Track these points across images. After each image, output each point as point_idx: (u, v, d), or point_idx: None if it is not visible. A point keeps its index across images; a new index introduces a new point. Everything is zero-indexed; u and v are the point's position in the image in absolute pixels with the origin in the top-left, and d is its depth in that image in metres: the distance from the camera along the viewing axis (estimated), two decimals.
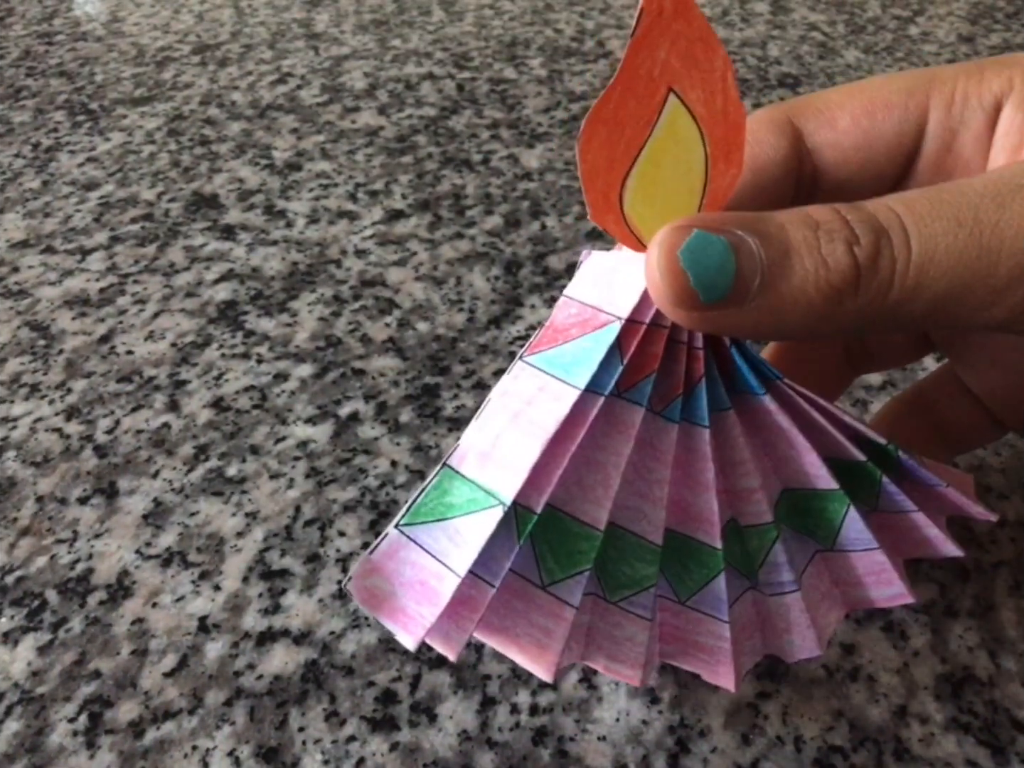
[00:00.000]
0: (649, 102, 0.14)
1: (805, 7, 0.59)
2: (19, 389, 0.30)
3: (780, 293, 0.14)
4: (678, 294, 0.14)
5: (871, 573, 0.17)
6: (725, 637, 0.17)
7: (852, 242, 0.14)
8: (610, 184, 0.14)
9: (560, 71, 0.50)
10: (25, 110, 0.47)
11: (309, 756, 0.20)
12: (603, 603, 0.16)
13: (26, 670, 0.21)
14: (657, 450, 0.16)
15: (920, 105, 0.18)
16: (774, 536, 0.17)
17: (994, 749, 0.20)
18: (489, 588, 0.15)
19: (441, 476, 0.16)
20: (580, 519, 0.15)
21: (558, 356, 0.15)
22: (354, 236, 0.37)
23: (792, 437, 0.16)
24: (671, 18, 0.13)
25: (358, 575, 0.16)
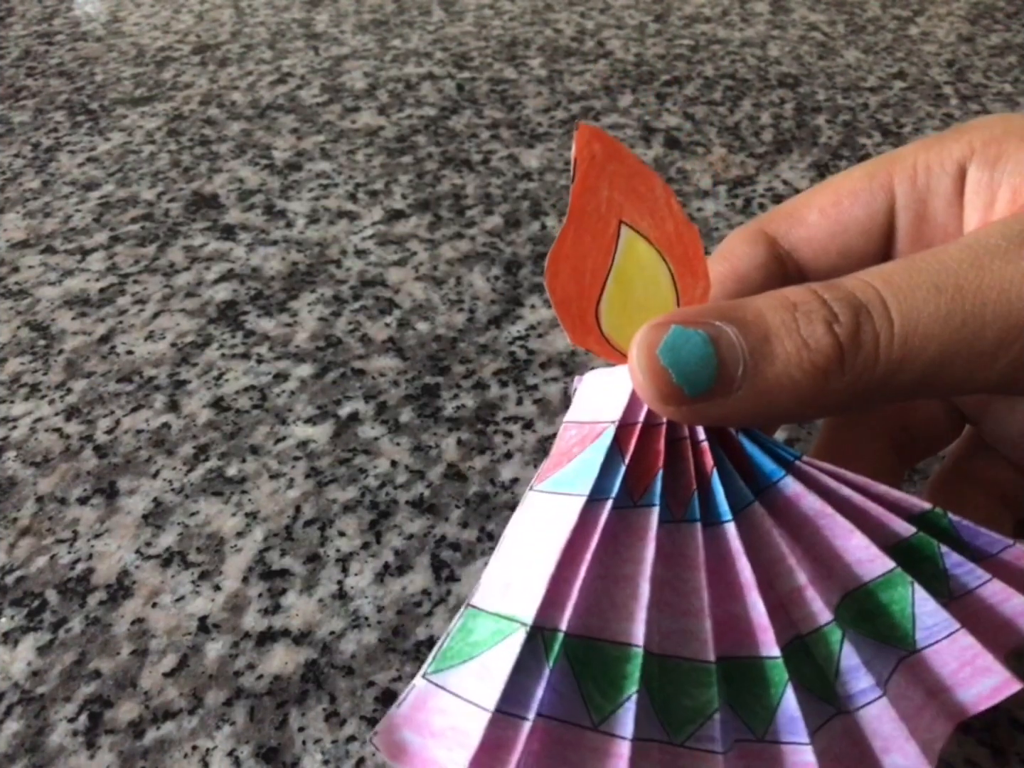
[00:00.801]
0: (603, 234, 0.15)
1: (805, 7, 0.59)
2: (19, 389, 0.30)
3: (765, 378, 0.14)
4: (662, 391, 0.14)
5: (963, 664, 0.15)
6: (811, 764, 0.15)
7: (831, 320, 0.14)
8: (584, 309, 0.15)
9: (560, 71, 0.50)
10: (25, 110, 0.47)
11: (309, 756, 0.20)
12: (670, 748, 0.15)
13: (26, 670, 0.21)
14: (686, 557, 0.15)
15: (884, 184, 0.18)
16: (839, 637, 0.15)
17: (994, 749, 0.20)
18: (523, 723, 0.14)
19: (465, 618, 0.15)
20: (617, 640, 0.15)
21: (563, 476, 0.15)
22: (354, 236, 0.37)
23: (829, 518, 0.15)
24: (604, 161, 0.15)
25: (384, 731, 0.15)
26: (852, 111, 0.46)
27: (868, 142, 0.43)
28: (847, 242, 0.18)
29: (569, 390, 0.17)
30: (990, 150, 0.17)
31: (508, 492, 0.26)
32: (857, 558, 0.15)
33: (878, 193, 0.18)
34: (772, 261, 0.18)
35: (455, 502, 0.25)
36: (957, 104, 0.47)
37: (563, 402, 0.29)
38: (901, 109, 0.46)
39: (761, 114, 0.46)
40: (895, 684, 0.16)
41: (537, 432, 0.28)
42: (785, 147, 0.43)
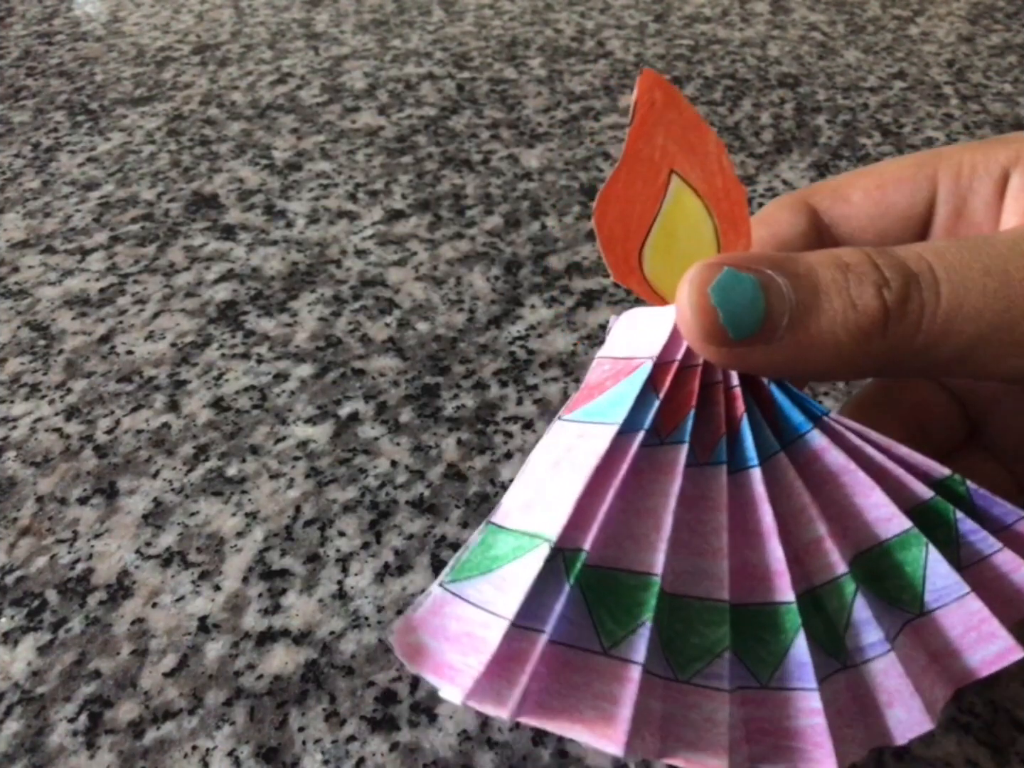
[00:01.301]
0: (654, 181, 0.15)
1: (805, 7, 0.59)
2: (19, 389, 0.30)
3: (808, 332, 0.14)
4: (708, 330, 0.14)
5: (970, 629, 0.16)
6: (816, 710, 0.15)
7: (881, 285, 0.14)
8: (628, 251, 0.15)
9: (560, 71, 0.50)
10: (25, 110, 0.47)
11: (309, 756, 0.20)
12: (675, 685, 0.15)
13: (26, 670, 0.21)
14: (708, 499, 0.15)
15: (929, 177, 0.18)
16: (853, 589, 0.15)
17: (994, 749, 0.20)
18: (539, 636, 0.14)
19: (485, 533, 0.16)
20: (635, 570, 0.15)
21: (595, 406, 0.16)
22: (354, 236, 0.37)
23: (851, 474, 0.15)
24: (663, 109, 0.15)
25: (400, 631, 0.15)
26: (852, 111, 0.46)
27: (868, 142, 0.43)
28: (885, 226, 0.19)
29: (607, 327, 0.17)
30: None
31: None
32: (875, 516, 0.15)
33: (922, 184, 0.18)
34: (812, 231, 0.19)
35: (455, 502, 0.25)
36: (957, 104, 0.47)
37: (563, 402, 0.29)
38: (901, 109, 0.46)
39: (761, 114, 0.46)
40: (900, 644, 0.16)
41: (537, 432, 0.27)
42: (785, 147, 0.43)
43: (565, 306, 0.33)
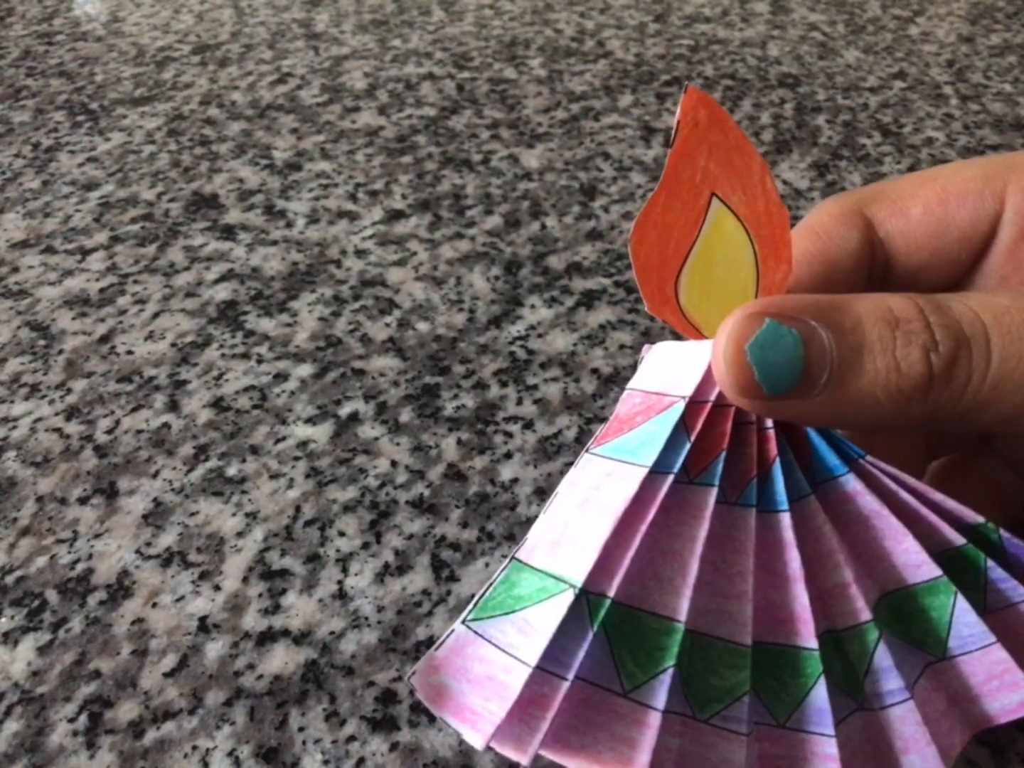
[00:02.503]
0: (694, 205, 0.14)
1: (805, 7, 0.59)
2: (19, 389, 0.30)
3: (847, 391, 0.14)
4: (742, 386, 0.14)
5: (992, 677, 0.15)
6: (832, 756, 0.15)
7: (930, 348, 0.13)
8: (664, 279, 0.15)
9: (560, 71, 0.50)
10: (25, 110, 0.47)
11: (309, 756, 0.20)
12: (693, 723, 0.15)
13: (26, 670, 0.21)
14: (735, 540, 0.15)
15: (996, 193, 0.17)
16: (876, 637, 0.15)
17: (994, 749, 0.20)
18: (561, 683, 0.14)
19: (509, 570, 0.15)
20: (659, 613, 0.14)
21: (624, 443, 0.15)
22: (354, 236, 0.37)
23: (884, 520, 0.15)
24: (707, 129, 0.14)
25: (423, 672, 0.15)
26: (852, 111, 0.46)
27: (868, 142, 0.43)
28: (944, 245, 0.18)
29: (638, 357, 0.17)
30: None
31: (508, 492, 0.26)
32: (904, 561, 0.15)
33: (988, 200, 0.17)
34: (865, 247, 0.18)
35: (455, 502, 0.25)
36: (957, 104, 0.47)
37: (563, 402, 0.29)
38: (901, 109, 0.46)
39: (761, 114, 0.46)
40: (920, 688, 0.16)
41: (537, 432, 0.28)
42: (785, 147, 0.43)
43: (565, 306, 0.33)
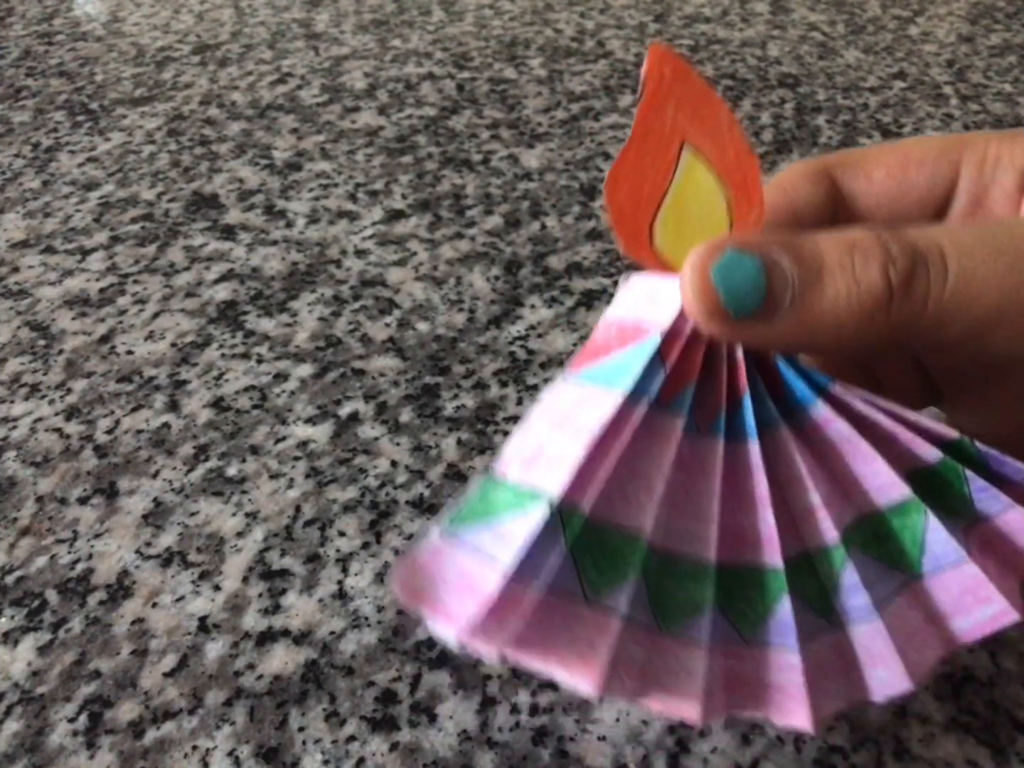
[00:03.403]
0: (665, 155, 0.15)
1: (805, 7, 0.59)
2: (19, 389, 0.30)
3: (810, 310, 0.14)
4: (710, 309, 0.14)
5: (966, 592, 0.16)
6: (796, 667, 0.15)
7: (887, 264, 0.14)
8: (639, 225, 0.15)
9: (560, 71, 0.50)
10: (25, 110, 0.47)
11: (309, 756, 0.20)
12: (657, 635, 0.16)
13: (26, 670, 0.21)
14: (703, 466, 0.15)
15: (953, 163, 0.18)
16: (843, 556, 0.16)
17: (994, 749, 0.20)
18: (533, 589, 0.15)
19: (485, 483, 0.16)
20: (624, 526, 0.15)
21: (600, 370, 0.16)
22: (354, 236, 0.37)
23: (854, 445, 0.15)
24: (672, 83, 0.15)
25: (399, 573, 0.16)
26: (852, 111, 0.46)
27: (868, 142, 0.43)
28: (903, 206, 0.19)
29: (616, 287, 0.17)
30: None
31: None
32: (876, 484, 0.16)
33: (945, 169, 0.18)
34: (829, 203, 0.19)
35: (455, 502, 0.25)
36: (957, 104, 0.47)
37: None
38: (901, 109, 0.46)
39: (761, 114, 0.46)
40: (895, 605, 0.16)
41: None
42: (785, 147, 0.43)
43: (565, 306, 0.33)
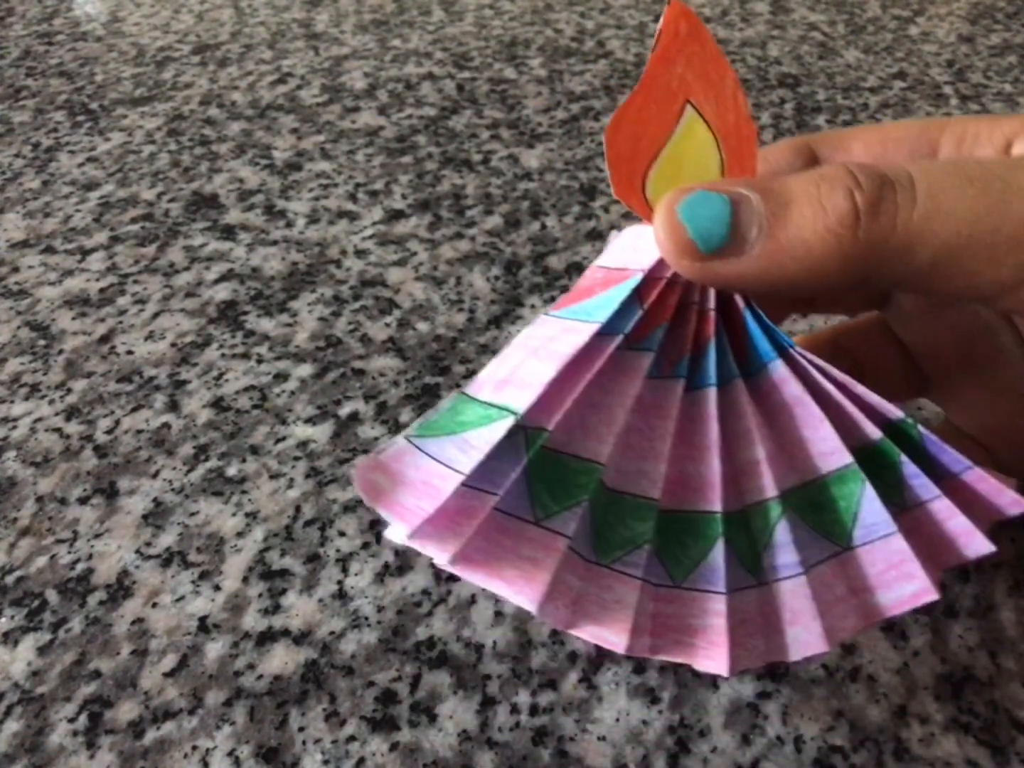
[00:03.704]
0: (669, 109, 0.15)
1: (805, 7, 0.59)
2: (19, 389, 0.30)
3: (778, 240, 0.14)
4: (678, 244, 0.15)
5: (890, 567, 0.16)
6: (720, 612, 0.16)
7: (853, 188, 0.14)
8: (634, 171, 0.16)
9: (560, 71, 0.50)
10: (25, 110, 0.47)
11: (309, 756, 0.20)
12: (595, 567, 0.16)
13: (26, 670, 0.21)
14: (661, 408, 0.16)
15: (931, 141, 0.18)
16: (778, 513, 0.16)
17: (994, 749, 0.20)
18: (491, 498, 0.15)
19: (455, 401, 0.16)
20: (582, 456, 0.16)
21: (581, 307, 0.16)
22: (354, 236, 0.37)
23: (805, 408, 0.16)
24: (686, 39, 0.15)
25: (362, 467, 0.16)
26: (852, 111, 0.46)
27: None
28: None
29: (607, 240, 0.18)
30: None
31: None
32: (820, 450, 0.16)
33: (922, 147, 0.18)
34: None
35: None
36: (957, 104, 0.47)
37: None
38: (901, 109, 0.46)
39: (761, 114, 0.46)
40: (820, 572, 0.17)
41: None
42: None
43: None
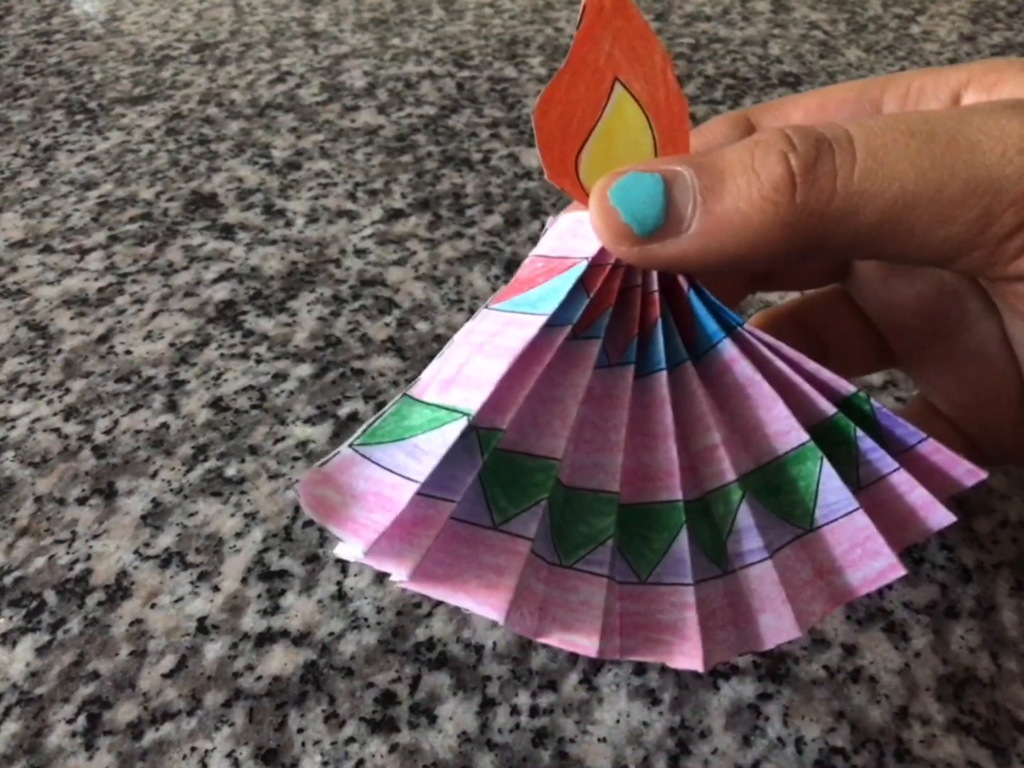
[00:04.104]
0: (598, 88, 0.15)
1: (806, 6, 0.59)
2: (17, 389, 0.30)
3: (714, 215, 0.14)
4: (613, 230, 0.14)
5: (855, 545, 0.16)
6: (690, 604, 0.15)
7: (787, 151, 0.13)
8: (566, 152, 0.15)
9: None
10: (24, 109, 0.47)
11: (308, 757, 0.20)
12: (558, 570, 0.16)
13: (24, 671, 0.21)
14: (613, 397, 0.15)
15: (873, 99, 0.18)
16: (739, 497, 0.16)
17: (995, 750, 0.20)
18: (448, 505, 0.15)
19: (400, 404, 0.16)
20: (536, 454, 0.15)
21: (524, 299, 0.16)
22: (353, 235, 0.37)
23: (757, 388, 0.15)
24: (611, 15, 0.15)
25: (306, 483, 0.15)
26: None
27: None
28: None
29: (543, 228, 0.18)
30: (988, 77, 0.17)
31: None
32: (775, 430, 0.16)
33: (864, 106, 0.18)
34: None
35: None
36: None
37: None
38: None
39: None
40: (784, 556, 0.16)
41: None
42: None
43: None
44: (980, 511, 0.24)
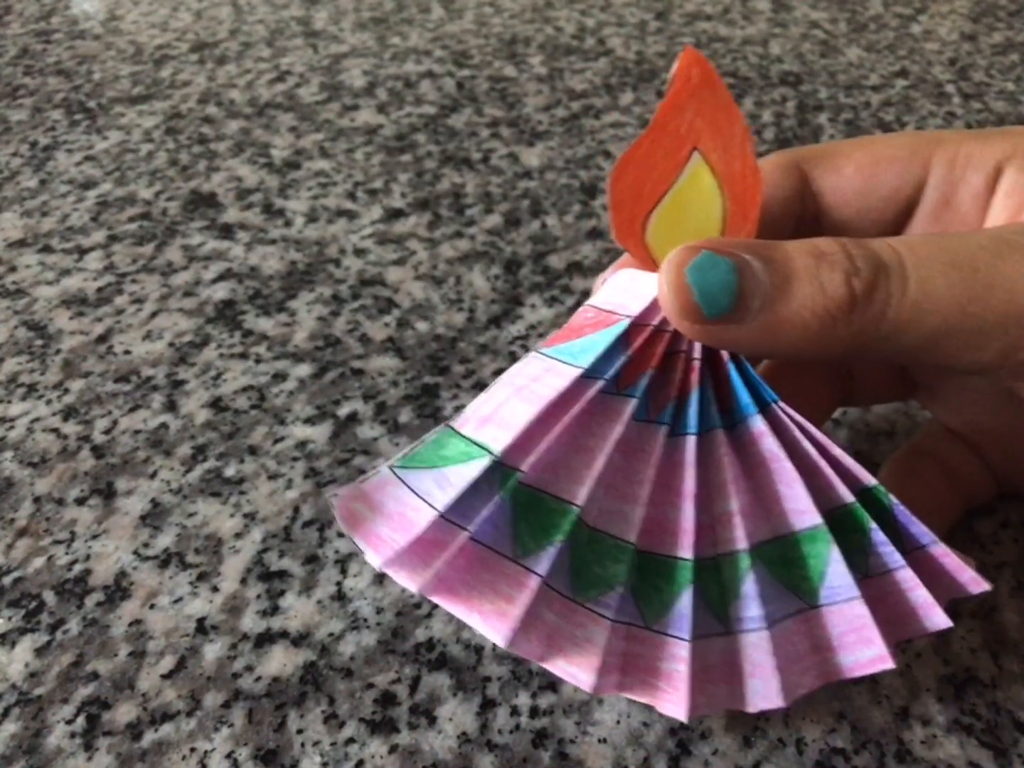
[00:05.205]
0: (676, 155, 0.16)
1: (807, 5, 0.59)
2: (16, 389, 0.30)
3: (778, 314, 0.15)
4: (683, 306, 0.15)
5: (850, 630, 0.17)
6: (683, 658, 0.16)
7: (851, 273, 0.15)
8: (635, 215, 0.16)
9: (560, 69, 0.50)
10: (22, 109, 0.47)
11: (308, 758, 0.20)
12: (571, 604, 0.17)
13: (23, 671, 0.21)
14: (644, 452, 0.16)
15: (923, 161, 0.19)
16: (748, 565, 0.16)
17: (996, 751, 0.20)
18: (462, 532, 0.16)
19: (440, 434, 0.17)
20: (560, 496, 0.16)
21: (568, 348, 0.17)
22: (353, 235, 0.37)
23: (780, 464, 0.16)
24: (698, 86, 0.16)
25: (345, 496, 0.17)
26: (854, 109, 0.46)
27: None
28: (870, 203, 0.19)
29: (600, 280, 0.19)
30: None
31: None
32: (793, 507, 0.16)
33: (915, 168, 0.19)
34: (797, 197, 0.19)
35: None
36: (959, 102, 0.47)
37: None
38: (903, 107, 0.46)
39: (763, 112, 0.46)
40: (785, 628, 0.17)
41: None
42: (787, 145, 0.43)
43: (565, 306, 0.33)
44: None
